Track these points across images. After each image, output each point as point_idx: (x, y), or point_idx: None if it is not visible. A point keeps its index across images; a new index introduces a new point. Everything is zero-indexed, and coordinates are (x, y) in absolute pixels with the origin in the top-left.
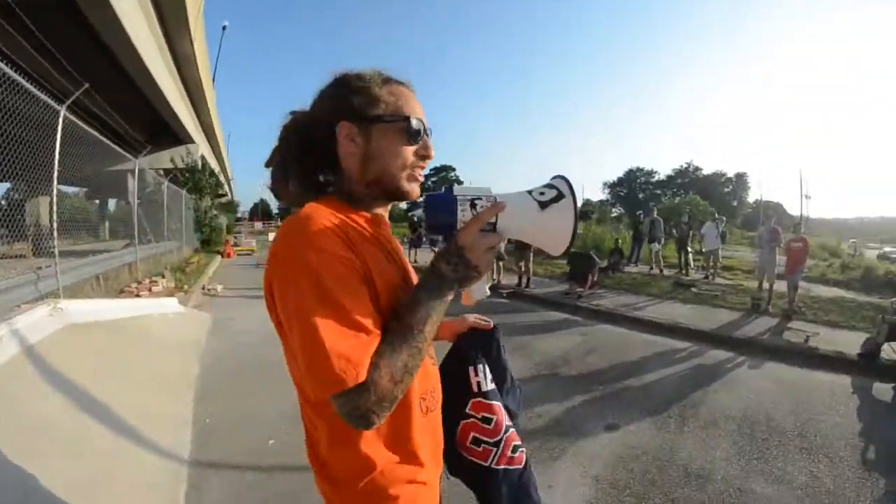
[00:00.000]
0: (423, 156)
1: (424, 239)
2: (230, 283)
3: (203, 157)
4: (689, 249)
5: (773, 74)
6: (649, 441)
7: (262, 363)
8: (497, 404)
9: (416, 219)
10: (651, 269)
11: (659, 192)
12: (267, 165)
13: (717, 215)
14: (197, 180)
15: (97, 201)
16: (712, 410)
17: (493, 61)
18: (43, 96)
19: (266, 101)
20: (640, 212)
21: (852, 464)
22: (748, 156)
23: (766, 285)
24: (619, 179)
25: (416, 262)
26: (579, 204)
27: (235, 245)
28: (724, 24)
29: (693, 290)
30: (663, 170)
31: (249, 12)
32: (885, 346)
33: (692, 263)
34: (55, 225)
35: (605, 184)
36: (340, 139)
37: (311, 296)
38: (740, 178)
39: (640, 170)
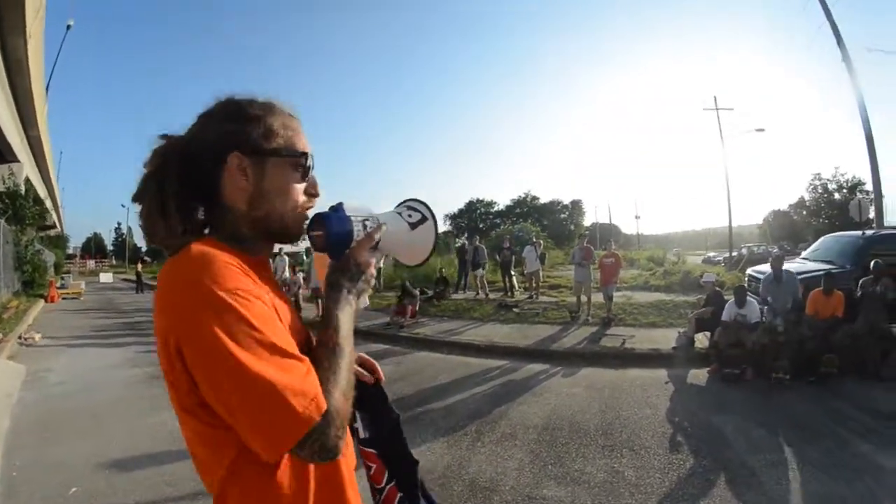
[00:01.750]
0: (311, 194)
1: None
2: (51, 331)
3: (28, 180)
4: (513, 273)
5: (601, 106)
6: (437, 460)
7: (78, 411)
8: (373, 452)
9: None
10: (476, 293)
11: (499, 221)
12: (136, 199)
13: (534, 238)
14: (18, 207)
15: None
16: (513, 423)
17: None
18: None
19: (112, 114)
20: (464, 240)
21: (658, 452)
22: (585, 184)
23: (584, 299)
24: (461, 211)
25: None
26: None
27: (61, 287)
28: (553, 63)
29: (515, 310)
30: (503, 200)
31: (97, 12)
32: (699, 336)
33: (517, 286)
34: None
35: (446, 215)
36: (230, 172)
37: (237, 345)
38: (576, 205)
39: (479, 201)
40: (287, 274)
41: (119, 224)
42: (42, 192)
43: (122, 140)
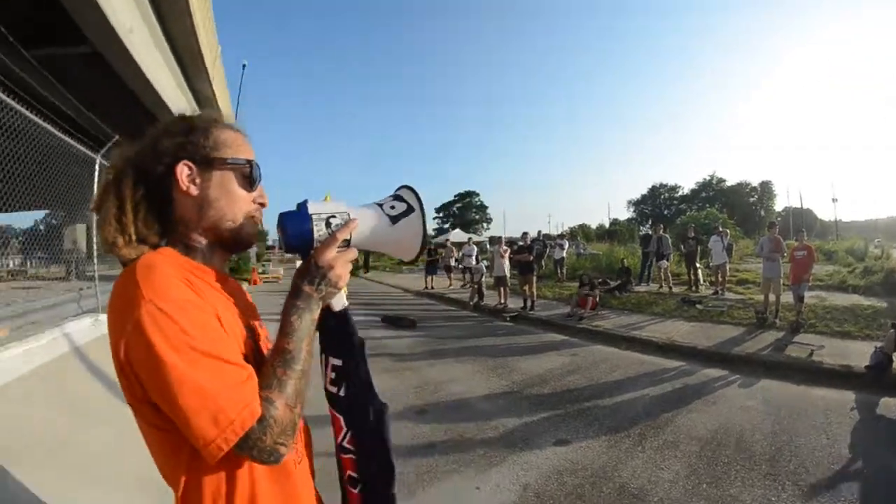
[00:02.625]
0: (260, 203)
1: (439, 265)
2: (261, 308)
3: None
4: (699, 265)
5: (794, 79)
6: (595, 458)
7: None
8: (337, 415)
9: (431, 245)
10: (660, 287)
11: (683, 206)
12: (95, 209)
13: (720, 227)
14: None
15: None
16: (678, 431)
17: (514, 85)
18: (80, 147)
19: (290, 127)
20: (648, 229)
21: (825, 495)
22: (774, 164)
23: (772, 298)
24: (643, 197)
25: (432, 288)
26: (607, 224)
27: (262, 273)
28: (742, 28)
29: (699, 306)
30: (687, 184)
31: (268, 48)
32: None
33: (703, 279)
34: (95, 251)
35: (629, 202)
36: (180, 181)
37: (173, 352)
38: (765, 187)
39: (663, 185)
40: (473, 261)
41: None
42: None
43: (302, 152)
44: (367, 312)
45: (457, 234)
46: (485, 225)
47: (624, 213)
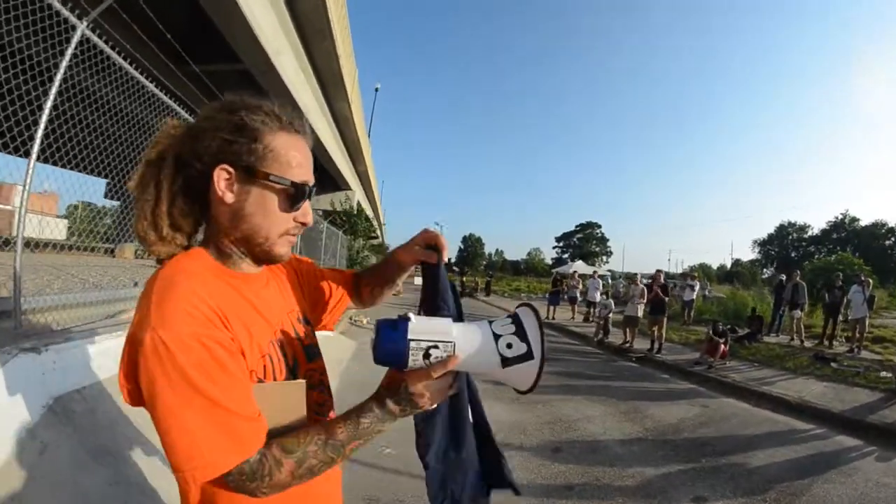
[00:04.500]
0: (301, 223)
1: (563, 296)
2: (375, 317)
3: (359, 203)
4: (840, 318)
5: None
6: None
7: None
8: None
9: (557, 275)
10: (791, 339)
11: (812, 248)
12: (134, 188)
13: (862, 277)
14: (353, 223)
15: None
16: (815, 500)
17: (651, 113)
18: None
19: (417, 147)
20: (783, 275)
21: None
22: None
23: None
24: (770, 237)
25: (553, 318)
26: (728, 265)
27: None
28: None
29: (833, 364)
30: (817, 223)
31: (400, 69)
32: None
33: (839, 334)
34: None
35: (755, 242)
36: (216, 184)
37: (168, 389)
38: None
39: (791, 224)
40: (598, 295)
41: (437, 223)
42: (369, 212)
43: (427, 170)
44: None
45: (581, 266)
46: (604, 258)
47: (748, 254)
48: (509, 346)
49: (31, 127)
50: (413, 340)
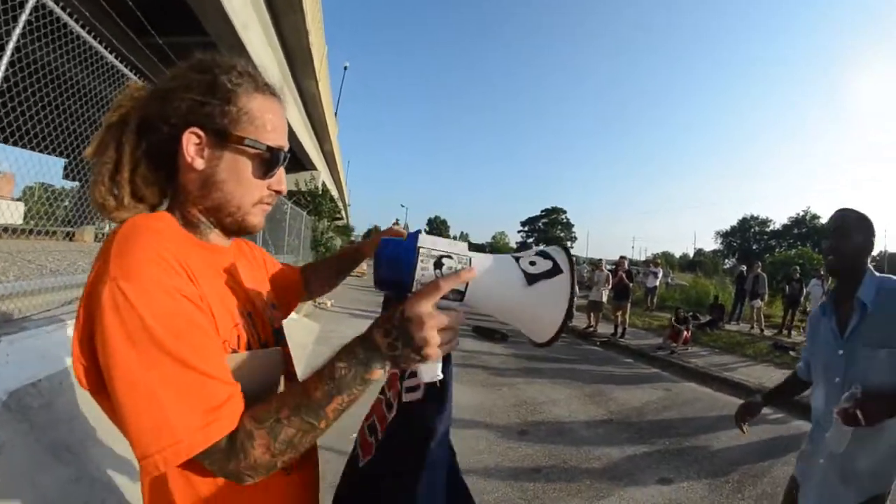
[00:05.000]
0: (275, 190)
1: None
2: (339, 301)
3: (324, 184)
4: (799, 310)
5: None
6: (698, 501)
7: None
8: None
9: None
10: (751, 327)
11: (773, 242)
12: (92, 154)
13: (822, 272)
14: (318, 204)
15: None
16: (776, 482)
17: (621, 100)
18: None
19: (385, 126)
20: (744, 266)
21: None
22: (871, 200)
23: None
24: (733, 228)
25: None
26: (690, 254)
27: None
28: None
29: (791, 353)
30: (779, 218)
31: (369, 47)
32: None
33: (798, 325)
34: None
35: (717, 233)
36: (185, 149)
37: (127, 346)
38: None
39: (754, 218)
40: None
41: (397, 220)
42: (335, 192)
43: (395, 152)
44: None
45: None
46: (569, 243)
47: (710, 244)
48: (532, 263)
49: None
50: (423, 248)
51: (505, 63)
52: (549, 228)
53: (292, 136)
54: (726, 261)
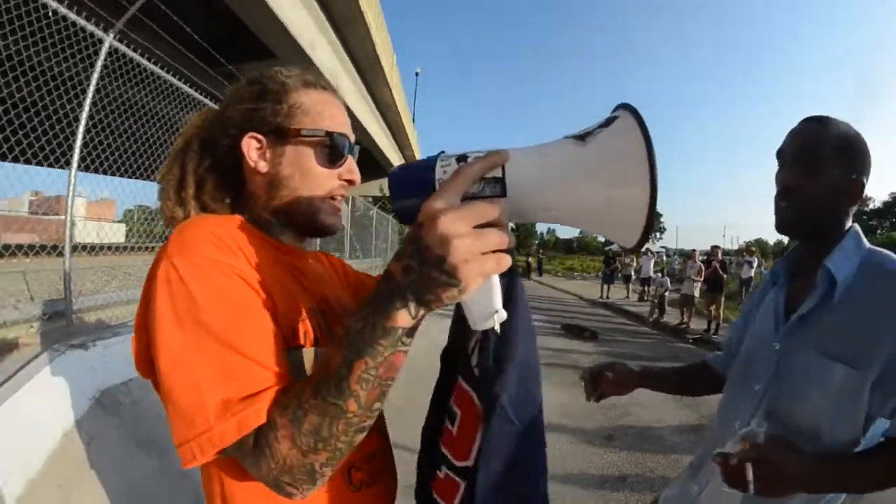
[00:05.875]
0: (347, 180)
1: (618, 274)
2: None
3: None
4: None
5: None
6: None
7: (422, 368)
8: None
9: (610, 252)
10: None
11: (874, 223)
12: (160, 180)
13: None
14: None
15: None
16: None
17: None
18: None
19: (464, 129)
20: None
21: None
22: None
23: None
24: None
25: (607, 298)
26: (784, 240)
27: None
28: None
29: None
30: (879, 195)
31: (442, 54)
32: None
33: None
34: None
35: None
36: (247, 154)
37: (174, 324)
38: None
39: None
40: (652, 273)
41: None
42: None
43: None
44: (545, 319)
45: None
46: (657, 234)
47: None
48: (583, 130)
49: (70, 138)
50: (445, 156)
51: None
52: None
53: (370, 141)
54: None
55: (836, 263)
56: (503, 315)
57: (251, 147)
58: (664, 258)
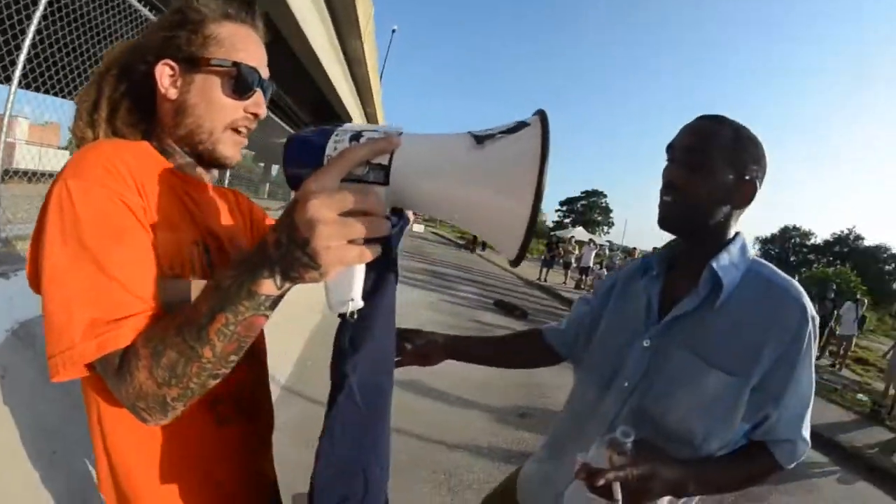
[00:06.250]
0: (252, 113)
1: (559, 260)
2: None
3: None
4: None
5: None
6: None
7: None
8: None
9: (554, 237)
10: None
11: (812, 257)
12: (77, 100)
13: (858, 295)
14: None
15: (262, 164)
16: None
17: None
18: None
19: (432, 91)
20: None
21: None
22: None
23: (893, 391)
24: (773, 236)
25: (545, 281)
26: None
27: None
28: None
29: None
30: (822, 233)
31: (420, 13)
32: None
33: (826, 348)
34: (227, 177)
35: (758, 238)
36: (159, 81)
37: (59, 242)
38: None
39: (796, 229)
40: (591, 263)
41: None
42: None
43: (438, 118)
44: (479, 292)
45: (580, 232)
46: (605, 228)
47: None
48: (488, 131)
49: (14, 52)
50: (340, 130)
51: (563, 39)
52: (587, 211)
53: (336, 97)
54: None
55: (723, 267)
56: (359, 304)
57: (164, 74)
58: (607, 251)
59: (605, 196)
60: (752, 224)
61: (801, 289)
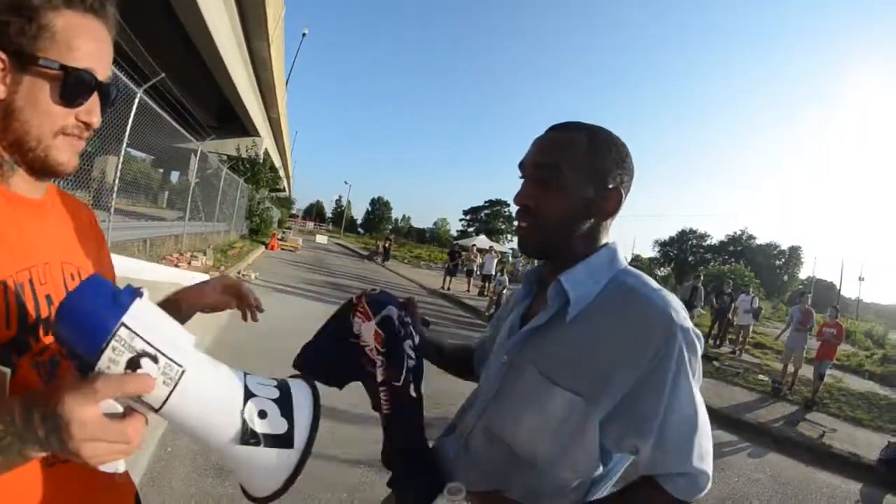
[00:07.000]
0: (84, 121)
1: (461, 268)
2: (266, 274)
3: (266, 152)
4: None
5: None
6: None
7: (273, 351)
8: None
9: (456, 246)
10: None
11: (709, 256)
12: None
13: (751, 289)
14: (256, 171)
15: (161, 170)
16: None
17: (578, 104)
18: (124, 78)
19: (343, 100)
20: (689, 281)
21: None
22: (805, 230)
23: (791, 369)
24: (672, 239)
25: (448, 289)
26: (627, 259)
27: (281, 239)
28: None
29: (715, 363)
30: (717, 234)
31: (333, 15)
32: None
33: (727, 337)
34: (117, 183)
35: (656, 241)
36: None
37: None
38: (794, 252)
39: (692, 231)
40: (493, 270)
41: (340, 197)
42: (277, 162)
43: (348, 126)
44: None
45: (482, 241)
46: (509, 237)
47: (648, 252)
48: (262, 414)
49: None
50: (128, 328)
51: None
52: (490, 220)
53: (237, 97)
54: (661, 269)
55: (573, 279)
56: (120, 470)
57: None
58: (510, 258)
59: (508, 205)
60: (654, 231)
61: (670, 298)
